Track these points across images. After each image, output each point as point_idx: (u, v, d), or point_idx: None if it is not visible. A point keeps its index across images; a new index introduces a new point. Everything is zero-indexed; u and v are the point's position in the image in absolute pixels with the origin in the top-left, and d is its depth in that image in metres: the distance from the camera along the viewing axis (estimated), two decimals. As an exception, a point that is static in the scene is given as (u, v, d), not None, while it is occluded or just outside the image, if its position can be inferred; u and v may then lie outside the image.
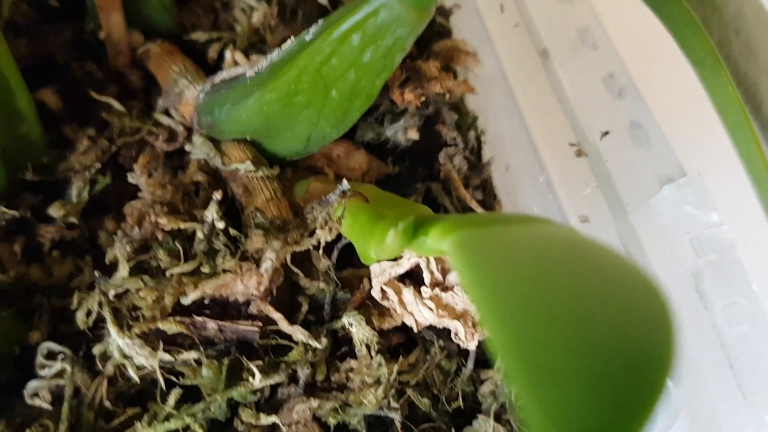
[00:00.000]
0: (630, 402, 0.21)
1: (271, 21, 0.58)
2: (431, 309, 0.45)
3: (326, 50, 0.40)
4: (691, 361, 0.44)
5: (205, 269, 0.43)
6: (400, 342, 0.49)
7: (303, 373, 0.44)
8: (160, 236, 0.44)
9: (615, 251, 0.28)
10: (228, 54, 0.54)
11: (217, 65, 0.57)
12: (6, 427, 0.43)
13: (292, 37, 0.44)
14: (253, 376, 0.42)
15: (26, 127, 0.49)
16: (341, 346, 0.48)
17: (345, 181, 0.44)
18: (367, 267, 0.51)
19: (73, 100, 0.57)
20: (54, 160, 0.53)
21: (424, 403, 0.47)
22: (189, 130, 0.54)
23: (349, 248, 0.50)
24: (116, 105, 0.54)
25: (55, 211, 0.50)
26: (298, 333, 0.44)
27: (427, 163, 0.55)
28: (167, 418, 0.41)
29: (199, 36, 0.58)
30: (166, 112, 0.54)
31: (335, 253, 0.48)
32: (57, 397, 0.44)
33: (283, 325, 0.44)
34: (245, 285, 0.43)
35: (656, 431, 0.43)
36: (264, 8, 0.59)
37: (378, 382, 0.44)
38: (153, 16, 0.57)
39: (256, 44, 0.57)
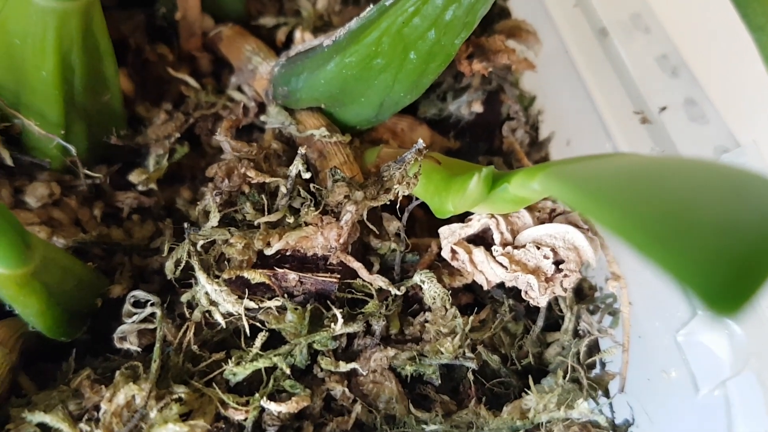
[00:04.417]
0: (753, 259, 0.22)
1: (335, 6, 0.61)
2: (503, 266, 0.47)
3: (409, 10, 0.43)
4: (759, 312, 0.45)
5: (290, 220, 0.44)
6: (468, 302, 0.51)
7: (378, 325, 0.46)
8: (246, 190, 0.46)
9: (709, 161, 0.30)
10: (298, 34, 0.57)
11: (285, 47, 0.59)
12: (93, 371, 0.44)
13: (371, 5, 0.46)
14: (336, 321, 0.44)
15: (109, 95, 0.51)
16: (412, 304, 0.49)
17: (420, 140, 0.46)
18: (431, 236, 0.53)
19: (145, 81, 0.60)
20: (131, 134, 0.55)
21: (494, 359, 0.48)
22: (260, 106, 0.56)
23: (410, 222, 0.52)
24: (192, 81, 0.57)
25: (135, 177, 0.52)
26: (379, 281, 0.45)
27: (487, 138, 0.57)
28: (255, 358, 0.42)
29: (267, 21, 0.61)
30: (239, 89, 0.57)
31: (405, 215, 0.50)
32: (143, 343, 0.45)
33: (363, 273, 0.45)
34: (326, 237, 0.45)
35: (729, 373, 0.44)
36: (328, -5, 0.62)
37: (453, 332, 0.46)
38: (225, 1, 0.60)
39: (321, 28, 0.60)
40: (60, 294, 0.43)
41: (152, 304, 0.44)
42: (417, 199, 0.49)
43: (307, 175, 0.45)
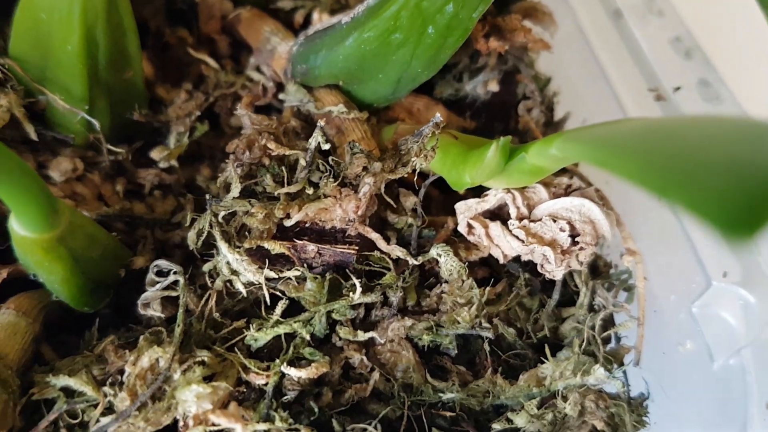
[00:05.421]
0: (758, 197, 0.22)
1: (353, -11, 0.62)
2: (519, 239, 0.47)
3: (428, -18, 0.43)
4: (774, 284, 0.45)
5: (309, 192, 0.45)
6: (484, 276, 0.51)
7: (395, 296, 0.46)
8: (266, 162, 0.46)
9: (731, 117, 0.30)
10: (315, 15, 0.58)
11: (303, 29, 0.60)
12: (118, 338, 0.45)
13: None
14: (354, 291, 0.44)
15: (132, 72, 0.52)
16: (428, 278, 0.50)
17: (438, 115, 0.46)
18: (447, 215, 0.53)
19: (165, 64, 0.61)
20: (152, 114, 0.56)
21: (510, 332, 0.48)
22: (279, 86, 0.57)
23: (426, 201, 0.53)
24: (212, 62, 0.58)
25: (157, 154, 0.53)
26: (397, 251, 0.46)
27: (503, 118, 0.58)
28: (275, 324, 0.43)
29: (285, 4, 0.62)
30: (258, 69, 0.58)
31: (423, 190, 0.50)
32: (165, 314, 0.46)
33: (381, 244, 0.46)
34: (344, 209, 0.46)
35: (744, 342, 0.45)
36: (345, -21, 0.63)
37: (470, 302, 0.46)
38: (244, -16, 0.61)
39: (338, 10, 0.61)
40: (85, 261, 0.44)
41: (175, 273, 0.45)
42: (434, 174, 0.50)
43: (326, 147, 0.45)
